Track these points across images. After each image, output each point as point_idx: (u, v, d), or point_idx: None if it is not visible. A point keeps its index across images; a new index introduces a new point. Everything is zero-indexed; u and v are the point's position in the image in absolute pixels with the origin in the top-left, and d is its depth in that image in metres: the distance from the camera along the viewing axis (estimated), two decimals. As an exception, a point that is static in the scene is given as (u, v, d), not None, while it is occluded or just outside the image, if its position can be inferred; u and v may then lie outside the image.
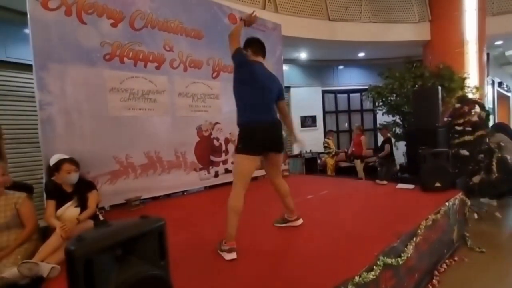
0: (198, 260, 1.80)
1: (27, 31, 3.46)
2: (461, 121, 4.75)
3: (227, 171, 4.31)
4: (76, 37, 2.85)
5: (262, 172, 4.82)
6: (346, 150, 7.07)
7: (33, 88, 3.41)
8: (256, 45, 2.16)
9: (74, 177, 2.18)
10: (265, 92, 2.01)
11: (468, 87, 5.99)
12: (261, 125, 1.96)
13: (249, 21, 2.25)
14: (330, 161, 6.44)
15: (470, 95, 5.71)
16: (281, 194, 2.26)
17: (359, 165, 6.03)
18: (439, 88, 4.23)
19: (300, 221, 2.32)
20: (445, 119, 5.09)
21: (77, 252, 0.83)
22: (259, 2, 5.55)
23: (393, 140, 5.95)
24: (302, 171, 6.57)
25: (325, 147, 6.67)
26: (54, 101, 2.72)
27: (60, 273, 1.65)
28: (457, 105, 5.05)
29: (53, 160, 2.44)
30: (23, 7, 2.67)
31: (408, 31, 6.76)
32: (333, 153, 6.39)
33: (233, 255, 1.77)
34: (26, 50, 3.40)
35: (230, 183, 4.52)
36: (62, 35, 2.75)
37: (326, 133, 7.24)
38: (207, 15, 3.95)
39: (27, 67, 3.77)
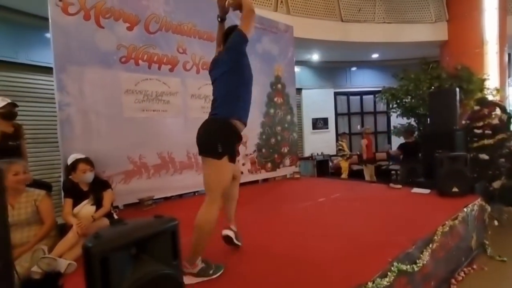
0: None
1: (47, 35, 3.61)
2: (481, 124, 4.58)
3: (238, 172, 4.32)
4: (94, 41, 2.94)
5: (271, 175, 4.83)
6: (358, 153, 6.92)
7: (52, 89, 3.55)
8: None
9: (89, 176, 2.25)
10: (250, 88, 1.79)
11: (488, 88, 5.78)
12: (241, 125, 1.71)
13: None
14: (344, 164, 6.34)
15: (490, 97, 5.50)
16: None
17: (365, 169, 5.89)
18: (457, 89, 4.10)
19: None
20: (463, 122, 4.92)
21: (94, 249, 0.85)
22: (271, 4, 5.56)
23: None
24: (314, 174, 6.50)
25: (339, 149, 6.57)
26: (72, 102, 2.81)
27: (76, 269, 1.70)
28: (476, 108, 4.88)
29: (70, 160, 2.52)
30: (44, 12, 2.78)
31: (424, 32, 6.60)
32: (348, 155, 6.28)
33: (221, 268, 1.61)
34: (47, 53, 3.54)
35: (241, 184, 4.53)
36: (80, 39, 2.85)
37: (340, 135, 7.13)
38: (220, 17, 3.99)
39: (47, 70, 3.94)
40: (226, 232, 1.84)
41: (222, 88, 1.68)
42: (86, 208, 2.18)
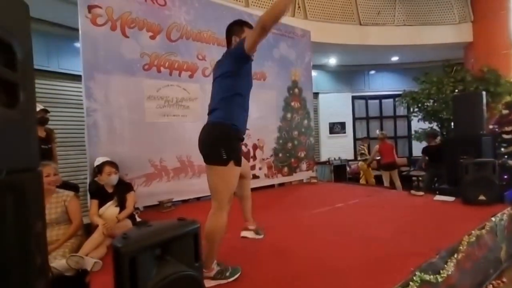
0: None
1: (77, 44, 3.84)
2: (510, 128, 4.36)
3: (254, 176, 4.34)
4: (119, 50, 3.09)
5: (287, 179, 4.82)
6: (377, 158, 6.71)
7: (80, 96, 3.76)
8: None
9: (114, 178, 2.35)
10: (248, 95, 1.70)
11: (517, 91, 5.49)
12: (241, 132, 1.69)
13: None
14: (364, 168, 6.18)
15: (519, 101, 5.21)
16: None
17: (383, 174, 5.68)
18: (483, 93, 3.92)
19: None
20: (490, 126, 4.70)
21: (123, 249, 0.91)
22: (288, 9, 5.59)
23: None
24: (331, 179, 6.41)
25: (361, 153, 6.42)
26: (98, 108, 2.97)
27: (102, 268, 1.78)
28: (505, 112, 4.66)
29: (96, 163, 2.66)
30: (74, 23, 2.97)
31: (447, 33, 6.37)
32: (370, 160, 6.09)
33: (238, 271, 1.62)
34: (76, 62, 3.76)
35: (257, 188, 4.54)
36: (107, 48, 3.01)
37: (361, 139, 6.98)
38: (238, 24, 4.07)
39: (76, 77, 4.17)
40: (244, 233, 1.86)
41: (219, 90, 1.64)
42: (111, 209, 2.28)
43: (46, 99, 4.16)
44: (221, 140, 1.56)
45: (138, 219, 2.45)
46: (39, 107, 2.77)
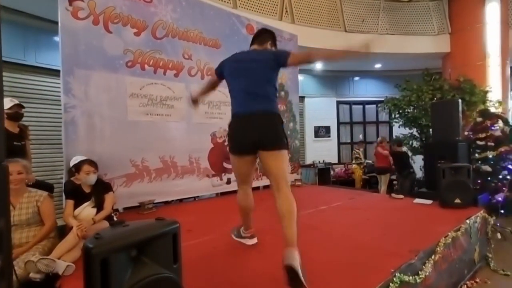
0: (206, 268, 1.79)
1: (56, 38, 3.67)
2: (483, 135, 4.58)
3: (239, 178, 4.32)
4: (102, 45, 2.99)
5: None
6: (372, 162, 6.83)
7: (57, 92, 3.59)
8: (253, 39, 2.00)
9: (92, 178, 2.25)
10: (246, 77, 1.71)
11: (490, 101, 5.80)
12: (238, 119, 1.73)
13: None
14: (359, 171, 6.33)
15: (492, 109, 5.51)
16: (279, 215, 1.60)
17: (385, 178, 5.83)
18: (459, 101, 4.11)
19: (254, 241, 2.06)
20: (466, 133, 4.92)
21: (95, 250, 0.85)
22: (276, 13, 5.65)
23: (409, 153, 5.78)
24: (315, 182, 6.48)
25: (355, 157, 6.60)
26: (77, 105, 2.85)
27: (74, 271, 1.68)
28: (479, 119, 4.89)
29: (73, 162, 2.54)
30: (53, 16, 2.84)
31: (427, 43, 6.66)
32: (365, 163, 6.29)
33: (254, 240, 2.01)
34: (54, 56, 3.60)
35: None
36: (88, 43, 2.90)
37: (356, 143, 7.23)
38: (226, 25, 4.07)
39: (54, 72, 3.99)
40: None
41: (266, 80, 1.73)
42: (87, 210, 2.18)
43: (21, 94, 3.94)
44: (283, 129, 1.73)
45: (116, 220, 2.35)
46: (13, 101, 2.62)
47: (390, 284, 1.50)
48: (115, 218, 2.42)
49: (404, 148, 5.74)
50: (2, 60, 0.73)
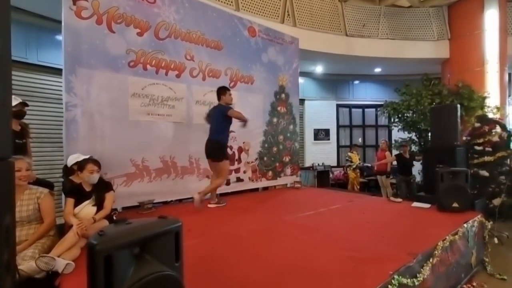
0: (205, 267, 1.80)
1: (59, 37, 3.69)
2: (481, 140, 4.62)
3: (238, 179, 4.33)
4: (104, 45, 3.01)
5: (272, 183, 4.84)
6: (371, 165, 6.81)
7: (59, 90, 3.60)
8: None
9: (95, 177, 2.25)
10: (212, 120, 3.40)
11: (489, 106, 5.84)
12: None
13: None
14: (352, 175, 6.35)
15: (490, 115, 5.55)
16: (211, 181, 3.53)
17: (385, 181, 5.86)
18: (458, 106, 4.15)
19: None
20: (464, 138, 4.96)
21: (99, 246, 0.86)
22: (278, 16, 5.69)
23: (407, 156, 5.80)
24: (314, 184, 6.49)
25: (346, 160, 6.63)
26: (79, 104, 2.86)
27: (74, 270, 1.69)
28: (477, 125, 4.93)
29: (70, 160, 2.53)
30: (56, 15, 2.86)
31: (426, 49, 6.72)
32: (354, 166, 6.31)
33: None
34: (56, 55, 3.61)
35: (241, 191, 4.54)
36: (91, 42, 2.92)
37: (352, 146, 7.20)
38: (228, 27, 4.09)
39: (56, 71, 4.00)
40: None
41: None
42: (87, 208, 2.18)
43: (23, 92, 3.94)
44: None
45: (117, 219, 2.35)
46: (17, 100, 2.62)
47: (389, 286, 1.51)
48: (114, 218, 2.42)
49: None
50: (11, 59, 0.74)
